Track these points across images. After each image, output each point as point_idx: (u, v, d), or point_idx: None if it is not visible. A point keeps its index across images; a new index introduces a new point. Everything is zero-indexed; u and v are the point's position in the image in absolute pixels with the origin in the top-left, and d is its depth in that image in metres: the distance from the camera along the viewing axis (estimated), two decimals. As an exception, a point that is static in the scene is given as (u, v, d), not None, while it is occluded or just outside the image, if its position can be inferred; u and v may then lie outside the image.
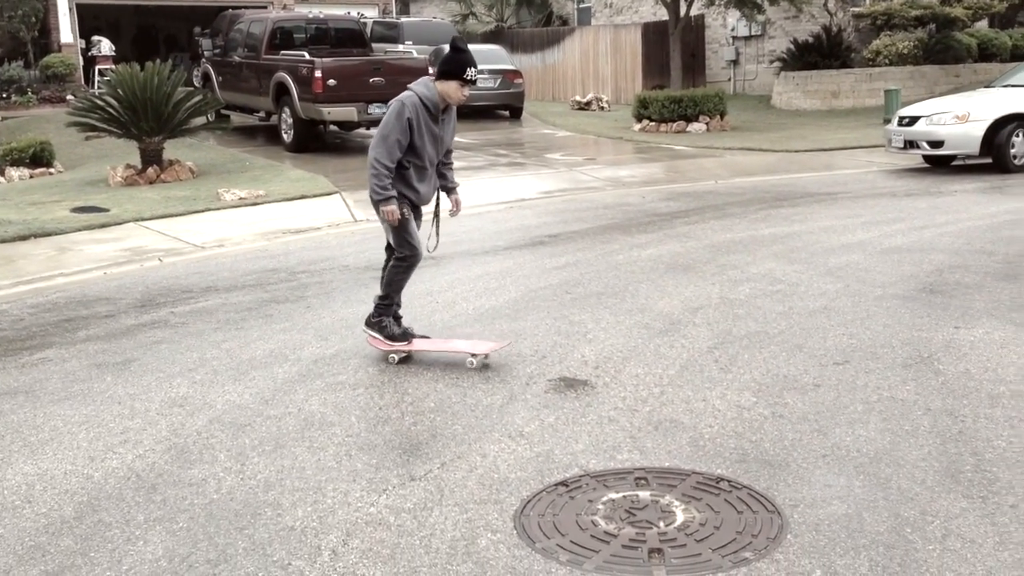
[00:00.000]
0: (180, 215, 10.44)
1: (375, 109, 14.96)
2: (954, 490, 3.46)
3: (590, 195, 11.85)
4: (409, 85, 5.13)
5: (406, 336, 5.33)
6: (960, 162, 12.77)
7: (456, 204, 5.45)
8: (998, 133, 11.72)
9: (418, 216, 5.38)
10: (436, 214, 5.52)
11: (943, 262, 7.13)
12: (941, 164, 12.87)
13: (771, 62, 23.41)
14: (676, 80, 20.23)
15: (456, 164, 5.73)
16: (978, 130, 11.76)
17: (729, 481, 3.65)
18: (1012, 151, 11.75)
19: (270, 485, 3.75)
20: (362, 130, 16.88)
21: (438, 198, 5.48)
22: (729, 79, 25.14)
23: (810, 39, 21.99)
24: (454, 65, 5.01)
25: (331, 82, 14.45)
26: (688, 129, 18.42)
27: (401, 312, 5.47)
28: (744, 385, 4.72)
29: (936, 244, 7.79)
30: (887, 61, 20.90)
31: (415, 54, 17.10)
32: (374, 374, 5.10)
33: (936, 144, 12.11)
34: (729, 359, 5.12)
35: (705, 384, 4.77)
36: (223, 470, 3.92)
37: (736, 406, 4.45)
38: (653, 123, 18.81)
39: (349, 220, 10.29)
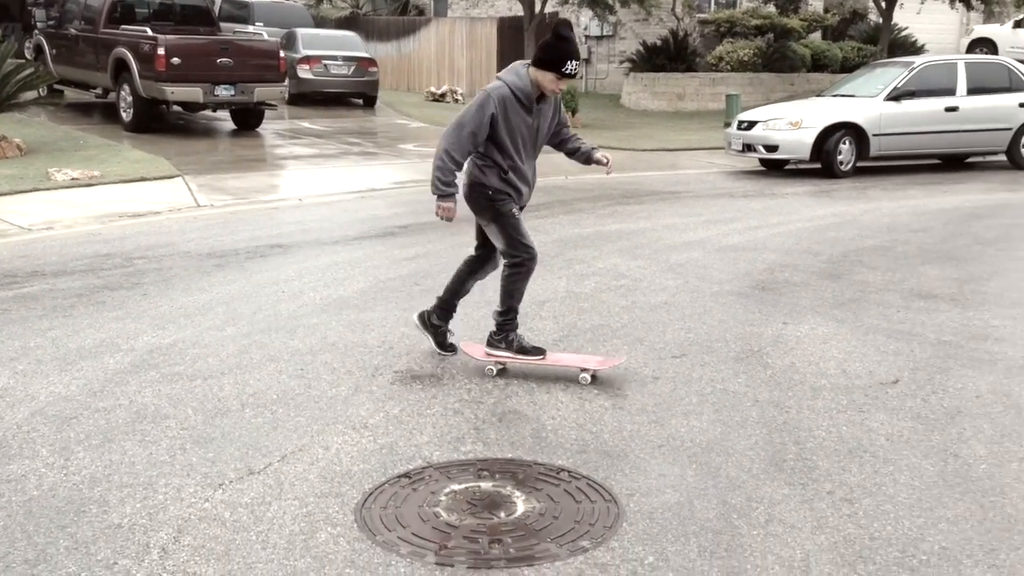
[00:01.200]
0: (5, 195, 9.81)
1: (222, 91, 14.49)
2: (777, 478, 3.64)
3: (442, 187, 11.83)
4: (498, 74, 4.64)
5: (539, 351, 4.88)
6: (793, 166, 13.45)
7: (606, 161, 4.99)
8: (827, 140, 12.41)
9: None
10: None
11: (775, 261, 7.50)
12: (776, 167, 13.53)
13: (621, 62, 24.00)
14: (530, 76, 20.42)
15: (305, 152, 5.57)
16: (809, 136, 12.43)
17: (569, 471, 3.72)
18: (839, 157, 12.47)
19: (96, 481, 3.58)
20: (208, 112, 16.31)
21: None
22: (581, 77, 25.62)
23: (658, 42, 22.67)
24: (553, 54, 4.46)
25: (175, 60, 13.88)
26: (540, 125, 18.62)
27: (446, 325, 5.12)
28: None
29: (769, 244, 8.18)
30: (729, 67, 21.78)
31: (265, 36, 16.63)
32: (213, 364, 4.94)
33: (771, 148, 12.72)
34: (573, 352, 5.21)
35: (549, 377, 4.84)
36: (44, 465, 3.71)
37: (578, 398, 4.54)
38: (507, 117, 18.93)
39: (191, 205, 9.92)
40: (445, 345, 5.14)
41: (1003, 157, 13.52)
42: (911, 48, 23.26)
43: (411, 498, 3.48)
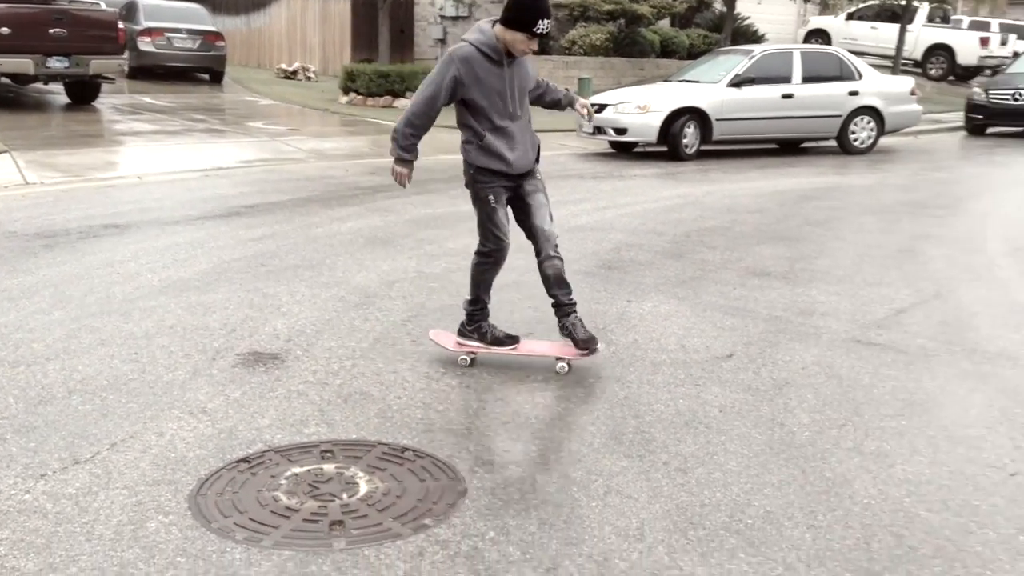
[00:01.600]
0: None
1: (55, 62, 13.72)
2: (617, 451, 3.74)
3: (292, 166, 11.58)
4: (463, 36, 4.37)
5: (513, 339, 4.72)
6: (641, 149, 13.80)
7: (583, 107, 4.73)
8: (673, 124, 12.79)
9: (520, 188, 4.57)
10: (538, 186, 4.66)
11: (621, 241, 7.68)
12: (625, 150, 13.85)
13: (476, 44, 23.98)
14: (384, 55, 20.21)
15: (145, 128, 5.33)
16: (656, 120, 12.77)
17: (414, 451, 3.71)
18: (684, 141, 12.87)
19: (-96, 476, 3.34)
20: (39, 85, 15.39)
21: (536, 160, 4.64)
22: (436, 57, 25.49)
23: (513, 24, 22.76)
24: (524, 13, 4.12)
25: (3, 30, 13.06)
26: (395, 104, 18.48)
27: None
28: (434, 357, 4.82)
29: (616, 224, 8.37)
30: (582, 51, 22.11)
31: (103, 6, 15.79)
32: (38, 350, 4.68)
33: (621, 131, 13.01)
34: (421, 332, 5.20)
35: (397, 356, 4.82)
36: None
37: (425, 377, 4.53)
38: (360, 96, 18.69)
39: (20, 182, 9.36)
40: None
41: (834, 143, 14.27)
42: (753, 37, 24.19)
43: (250, 483, 3.40)
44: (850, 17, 27.19)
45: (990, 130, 17.84)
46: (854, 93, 13.79)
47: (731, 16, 22.14)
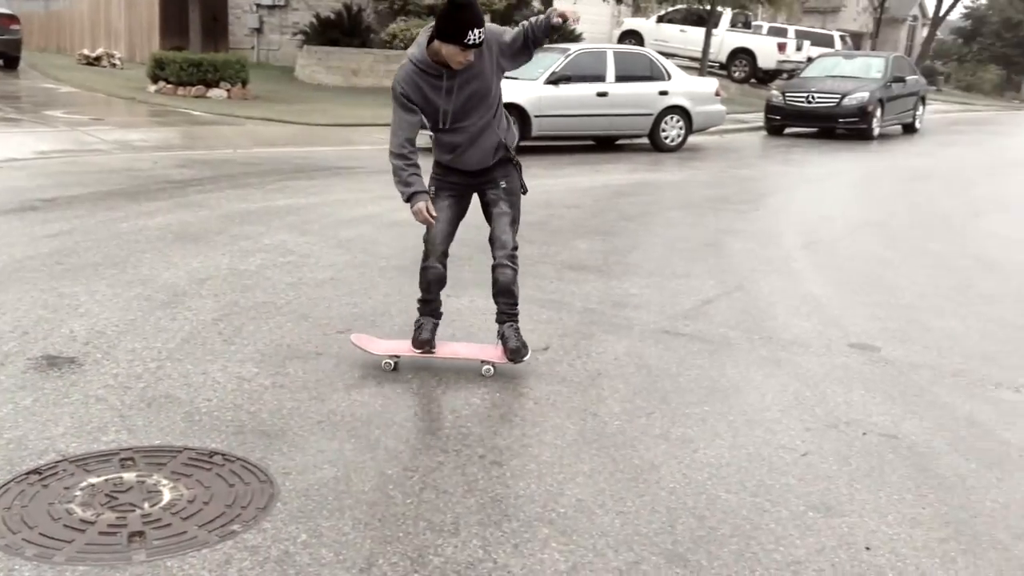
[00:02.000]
0: None
1: None
2: (433, 446, 3.74)
3: (95, 158, 10.95)
4: (413, 45, 4.22)
5: (426, 344, 4.62)
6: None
7: (559, 17, 4.12)
8: (494, 120, 12.89)
9: (484, 196, 4.62)
10: (497, 202, 4.64)
11: (441, 236, 7.68)
12: (447, 145, 13.86)
13: (294, 34, 23.45)
14: (196, 42, 19.42)
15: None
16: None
17: (223, 455, 3.58)
18: (505, 137, 13.01)
19: None
20: None
21: (501, 187, 4.62)
22: (252, 47, 24.73)
23: (332, 15, 22.40)
24: (451, 25, 3.95)
25: None
26: (208, 95, 17.82)
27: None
28: (247, 356, 4.67)
29: (437, 219, 8.36)
30: (403, 45, 21.98)
31: None
32: None
33: (442, 126, 13.00)
34: (233, 330, 5.03)
35: (206, 357, 4.63)
36: None
37: (237, 378, 4.38)
38: (171, 85, 17.92)
39: None
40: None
41: (647, 140, 14.82)
42: (570, 36, 24.76)
43: (41, 496, 3.18)
44: (660, 20, 28.33)
45: (787, 130, 19.00)
46: (664, 93, 14.37)
47: (549, 15, 22.54)
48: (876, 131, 18.14)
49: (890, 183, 12.38)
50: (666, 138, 14.62)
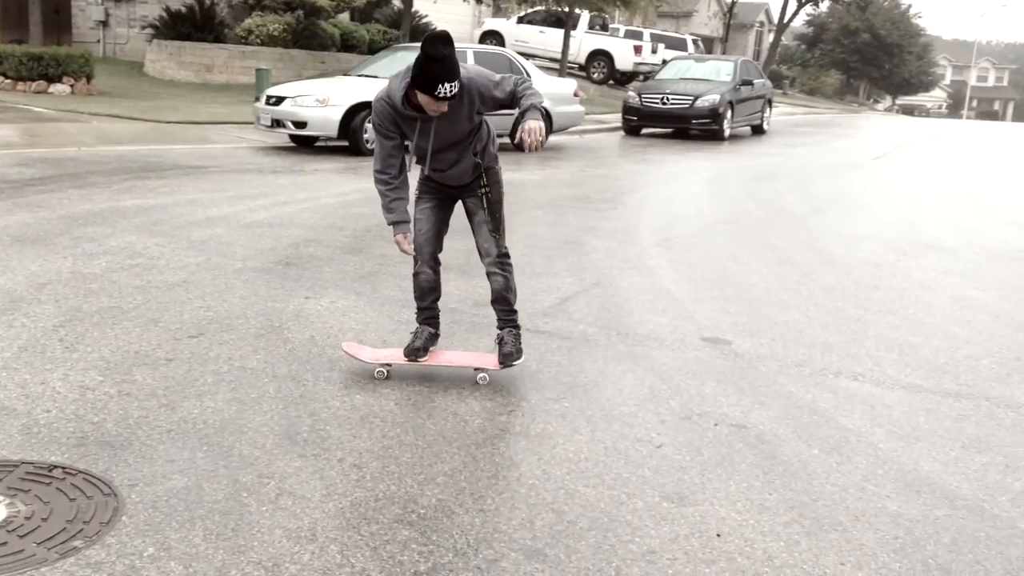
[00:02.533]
0: None
1: None
2: (291, 451, 3.66)
3: (-79, 156, 10.24)
4: (391, 77, 4.15)
5: (416, 353, 4.57)
6: (323, 143, 13.66)
7: (528, 132, 3.97)
8: (354, 118, 12.75)
9: (465, 205, 4.58)
10: (484, 192, 4.52)
11: (300, 236, 7.54)
12: (306, 144, 13.63)
13: (143, 28, 22.55)
14: (36, 35, 18.43)
15: None
16: (336, 114, 12.68)
17: (64, 468, 3.40)
18: (365, 135, 12.89)
19: None
20: None
21: (483, 177, 4.47)
22: (98, 41, 23.65)
23: (183, 9, 21.65)
24: (423, 77, 3.86)
25: None
26: (50, 90, 16.96)
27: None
28: (91, 364, 4.45)
29: (295, 219, 8.21)
30: (259, 41, 21.48)
31: None
32: None
33: (300, 125, 12.78)
34: (76, 337, 4.79)
35: (46, 366, 4.39)
36: None
37: (80, 387, 4.17)
38: (9, 80, 16.97)
39: None
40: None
41: (507, 140, 14.91)
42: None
43: None
44: (520, 21, 28.62)
45: (644, 131, 19.53)
46: (524, 93, 14.50)
47: (409, 13, 22.47)
48: (727, 132, 18.85)
49: (740, 182, 12.87)
50: (527, 138, 14.75)
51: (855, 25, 53.65)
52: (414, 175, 4.47)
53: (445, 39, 3.89)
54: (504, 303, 4.67)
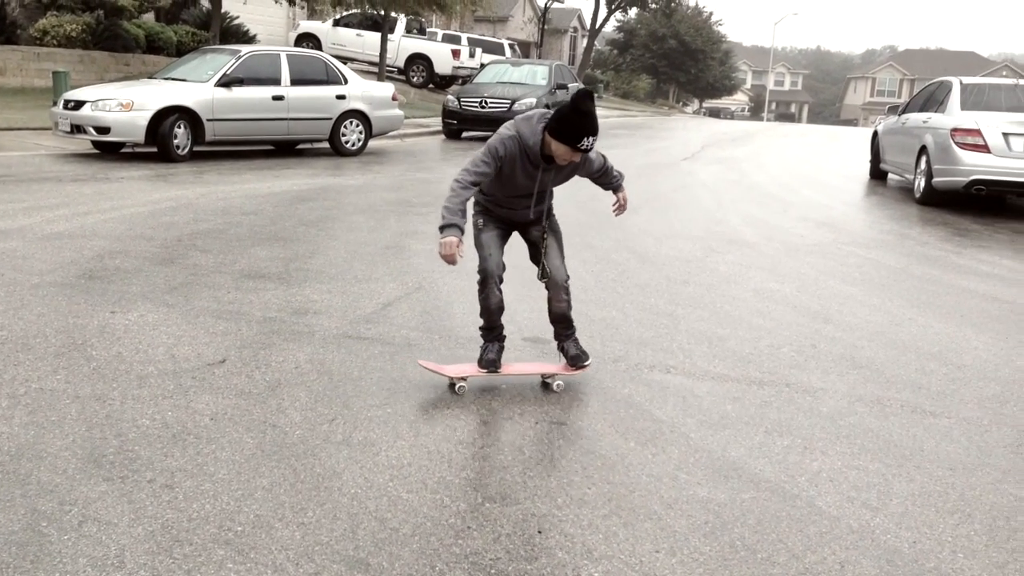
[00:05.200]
0: None
1: None
2: (96, 475, 3.46)
3: None
4: (517, 120, 4.33)
5: (494, 364, 4.67)
6: (130, 149, 13.01)
7: (624, 200, 4.94)
8: (162, 123, 12.22)
9: (527, 235, 4.73)
10: (543, 239, 4.68)
11: (105, 248, 7.15)
12: (112, 150, 12.96)
13: (-77, 26, 20.78)
14: None
15: None
16: (143, 119, 12.11)
17: None
18: (175, 141, 12.37)
19: None
20: None
21: (545, 227, 4.68)
22: None
23: (-31, 7, 20.13)
24: (570, 128, 4.12)
25: None
26: None
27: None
28: None
29: (99, 230, 7.78)
30: (55, 42, 20.25)
31: None
32: None
33: (103, 130, 12.12)
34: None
35: None
36: None
37: None
38: None
39: None
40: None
41: (327, 145, 14.72)
42: (244, 37, 24.05)
43: None
44: (337, 23, 28.24)
45: (465, 134, 19.67)
46: (341, 97, 14.34)
47: (218, 14, 21.75)
48: (545, 135, 19.24)
49: (558, 184, 13.20)
50: (347, 142, 14.60)
51: (662, 31, 55.98)
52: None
53: (592, 96, 4.23)
54: (565, 322, 4.85)
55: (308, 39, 27.68)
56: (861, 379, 5.15)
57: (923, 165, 12.40)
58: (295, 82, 13.77)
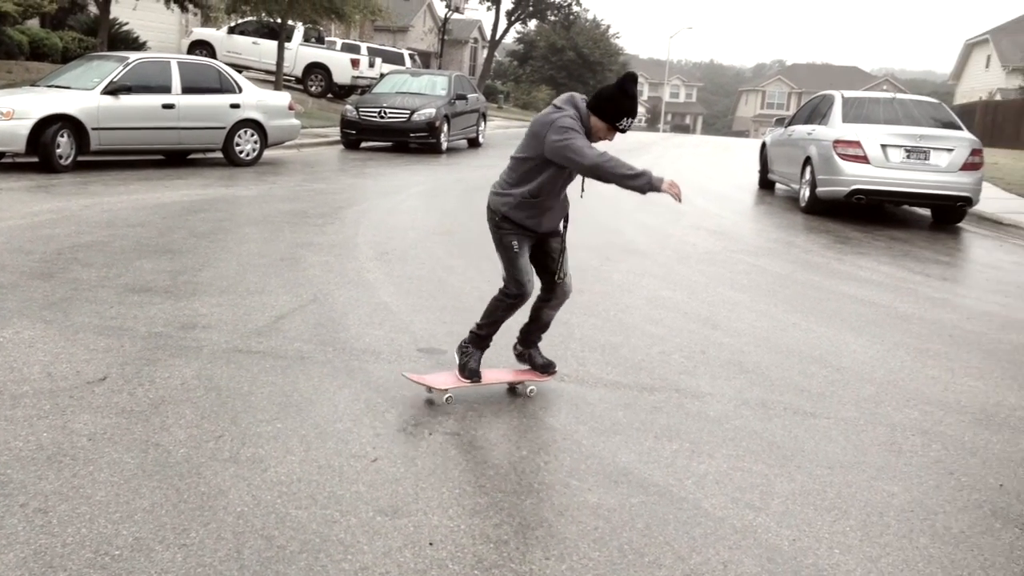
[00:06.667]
0: None
1: None
2: (-37, 501, 3.30)
3: None
4: (559, 103, 4.40)
5: (477, 374, 4.77)
6: (10, 159, 12.49)
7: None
8: (44, 132, 11.77)
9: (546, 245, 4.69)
10: (562, 246, 4.72)
11: (-20, 262, 6.84)
12: (-11, 160, 12.41)
13: None
14: None
15: None
16: (24, 128, 11.64)
17: None
18: (58, 151, 11.93)
19: None
20: None
21: (566, 225, 4.74)
22: None
23: None
24: (615, 107, 4.28)
25: None
26: None
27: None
28: None
29: (-26, 243, 7.44)
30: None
31: None
32: None
33: (-19, 139, 11.60)
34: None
35: None
36: None
37: None
38: None
39: None
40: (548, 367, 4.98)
41: (221, 155, 14.41)
42: (134, 44, 23.37)
43: None
44: (232, 31, 27.70)
45: (364, 144, 19.52)
46: (235, 106, 14.06)
47: (107, 20, 21.08)
48: (444, 145, 19.25)
49: (457, 194, 13.18)
50: (241, 152, 14.32)
51: (561, 43, 56.65)
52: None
53: (636, 79, 4.37)
54: (545, 330, 5.00)
55: (202, 47, 27.05)
56: (747, 383, 5.30)
57: (808, 175, 12.85)
58: (186, 90, 13.45)
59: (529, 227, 4.58)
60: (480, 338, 4.87)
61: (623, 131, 4.39)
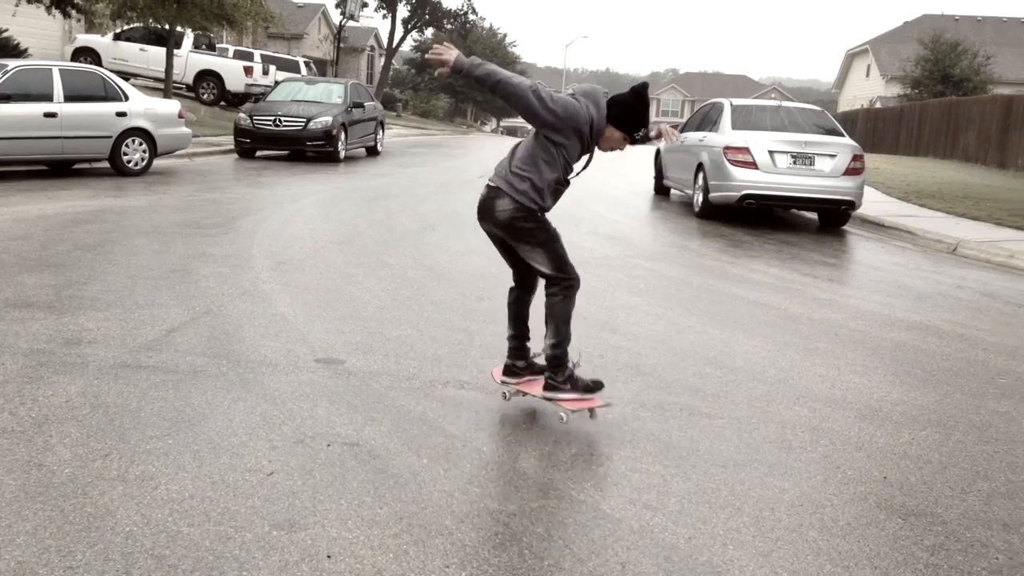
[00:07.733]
0: None
1: None
2: None
3: None
4: (582, 95, 4.34)
5: (598, 384, 4.65)
6: None
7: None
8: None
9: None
10: None
11: None
12: None
13: None
14: None
15: None
16: None
17: None
18: (-68, 161, 11.37)
19: None
20: None
21: None
22: None
23: None
24: (632, 117, 4.32)
25: None
26: None
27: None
28: None
29: None
30: None
31: None
32: None
33: None
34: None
35: None
36: None
37: None
38: None
39: None
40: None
41: (108, 164, 13.94)
42: (14, 51, 22.45)
43: None
44: (118, 37, 26.87)
45: (259, 153, 19.16)
46: (122, 114, 13.63)
47: (-16, 25, 20.20)
48: (342, 153, 19.06)
49: (355, 202, 13.06)
50: (129, 162, 13.90)
51: (459, 52, 56.75)
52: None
53: (646, 87, 4.42)
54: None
55: (86, 54, 26.17)
56: (644, 385, 5.39)
57: (700, 181, 13.18)
58: (69, 98, 12.98)
59: (548, 210, 4.59)
60: (565, 353, 4.59)
61: (634, 142, 4.40)
